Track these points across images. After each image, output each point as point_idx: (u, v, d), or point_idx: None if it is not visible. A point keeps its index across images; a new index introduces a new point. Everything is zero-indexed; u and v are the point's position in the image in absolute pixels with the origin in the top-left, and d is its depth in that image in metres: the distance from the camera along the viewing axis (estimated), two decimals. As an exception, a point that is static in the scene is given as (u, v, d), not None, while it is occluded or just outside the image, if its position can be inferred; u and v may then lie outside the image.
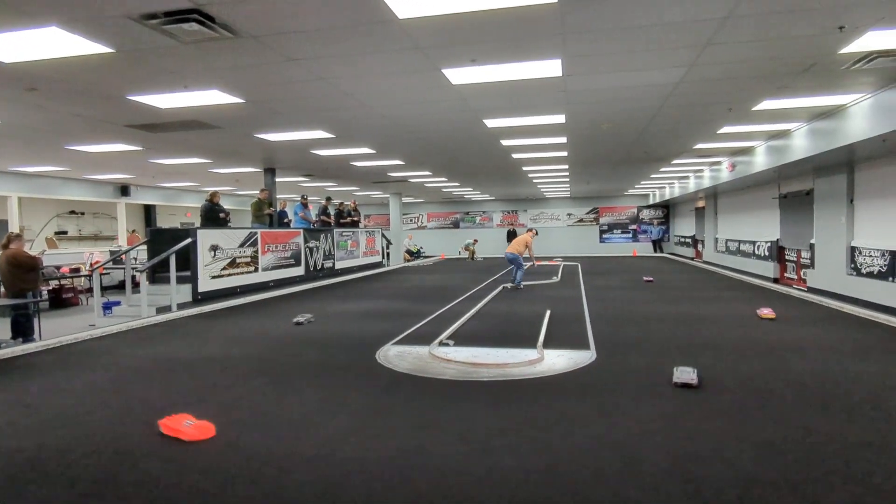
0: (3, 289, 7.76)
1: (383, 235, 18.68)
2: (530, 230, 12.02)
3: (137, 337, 6.71)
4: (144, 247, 10.11)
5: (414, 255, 23.14)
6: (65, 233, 16.96)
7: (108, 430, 3.51)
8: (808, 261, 10.70)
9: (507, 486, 2.66)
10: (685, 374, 4.25)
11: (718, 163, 13.34)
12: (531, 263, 11.71)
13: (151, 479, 2.81)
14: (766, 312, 7.23)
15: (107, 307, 9.07)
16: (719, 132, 9.17)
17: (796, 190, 11.58)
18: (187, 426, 3.36)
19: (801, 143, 8.72)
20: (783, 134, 9.33)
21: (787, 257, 12.09)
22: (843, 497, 2.50)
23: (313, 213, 14.86)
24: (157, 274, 9.26)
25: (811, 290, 9.95)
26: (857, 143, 7.05)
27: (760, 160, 10.67)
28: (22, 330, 7.07)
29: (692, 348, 5.51)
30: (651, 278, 12.68)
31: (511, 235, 26.37)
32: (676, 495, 2.53)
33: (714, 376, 4.48)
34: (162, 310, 8.41)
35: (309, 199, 14.68)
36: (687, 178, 17.09)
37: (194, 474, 2.85)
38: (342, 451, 3.13)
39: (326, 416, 3.71)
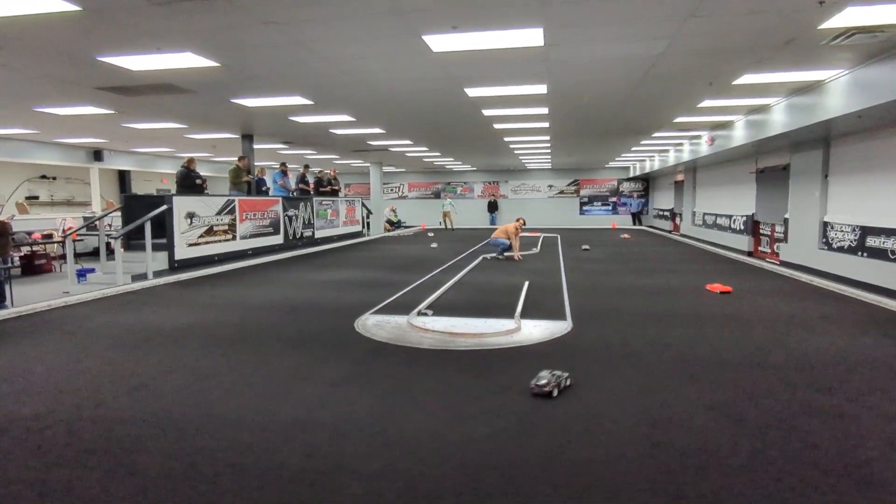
0: (-29, 255, 7.57)
1: (363, 205, 18.55)
2: (518, 219, 11.71)
3: (113, 304, 6.64)
4: (119, 213, 9.90)
5: (394, 224, 23.05)
6: (36, 198, 16.48)
7: (84, 398, 3.50)
8: (782, 235, 10.95)
9: (480, 452, 2.74)
10: (542, 380, 3.53)
11: (698, 137, 13.43)
12: (514, 255, 11.19)
13: (128, 445, 2.82)
14: (717, 286, 7.34)
15: (81, 274, 8.92)
16: (699, 106, 9.20)
17: (773, 165, 11.75)
18: None
19: (779, 118, 8.81)
20: (762, 109, 9.41)
21: (761, 231, 12.35)
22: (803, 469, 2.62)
23: (292, 181, 14.65)
24: (133, 241, 9.11)
25: (784, 263, 10.21)
26: (834, 118, 7.15)
27: (739, 134, 10.77)
28: (-7, 297, 6.93)
29: (664, 320, 5.65)
30: (628, 235, 12.85)
31: (492, 206, 26.44)
32: (641, 461, 2.64)
33: (686, 346, 4.62)
34: (137, 277, 8.30)
35: (288, 166, 14.44)
36: (667, 151, 17.20)
37: (171, 441, 2.87)
38: (319, 417, 3.17)
39: (304, 384, 3.74)
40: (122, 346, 4.76)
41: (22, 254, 10.95)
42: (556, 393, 3.46)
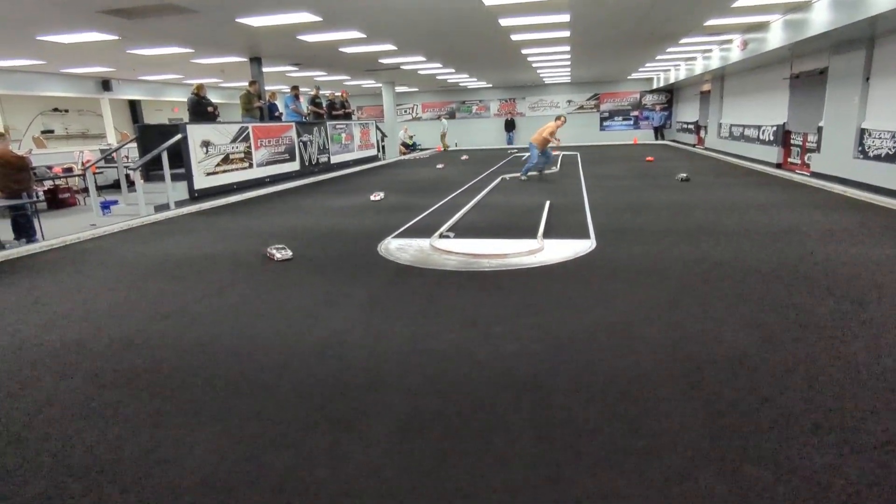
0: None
1: (378, 128, 18.14)
2: (559, 117, 11.11)
3: (139, 235, 6.74)
4: (134, 144, 9.84)
5: (410, 147, 22.65)
6: (51, 132, 16.42)
7: (122, 324, 3.62)
8: (815, 144, 10.49)
9: (508, 369, 2.80)
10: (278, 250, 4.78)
11: (729, 41, 12.59)
12: (554, 154, 10.58)
13: (169, 368, 2.94)
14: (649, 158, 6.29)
15: (105, 206, 9.02)
16: (734, 6, 8.53)
17: (809, 69, 11.03)
18: None
19: (820, 17, 8.15)
20: (803, 6, 8.70)
21: (792, 142, 11.84)
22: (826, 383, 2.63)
23: (304, 104, 14.29)
24: (151, 172, 9.11)
25: (814, 174, 9.86)
26: (883, 13, 6.58)
27: (775, 36, 10.05)
28: (24, 231, 7.08)
29: (691, 234, 5.56)
30: (651, 158, 12.54)
31: (509, 125, 25.67)
32: (671, 374, 2.67)
33: (713, 260, 4.56)
34: (160, 208, 8.38)
35: (300, 90, 14.03)
36: (694, 59, 16.24)
37: (206, 363, 2.98)
38: (350, 339, 3.25)
39: (333, 308, 3.81)
40: (153, 275, 4.87)
41: (45, 188, 11.07)
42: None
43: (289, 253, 5.21)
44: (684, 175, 10.25)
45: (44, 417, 2.47)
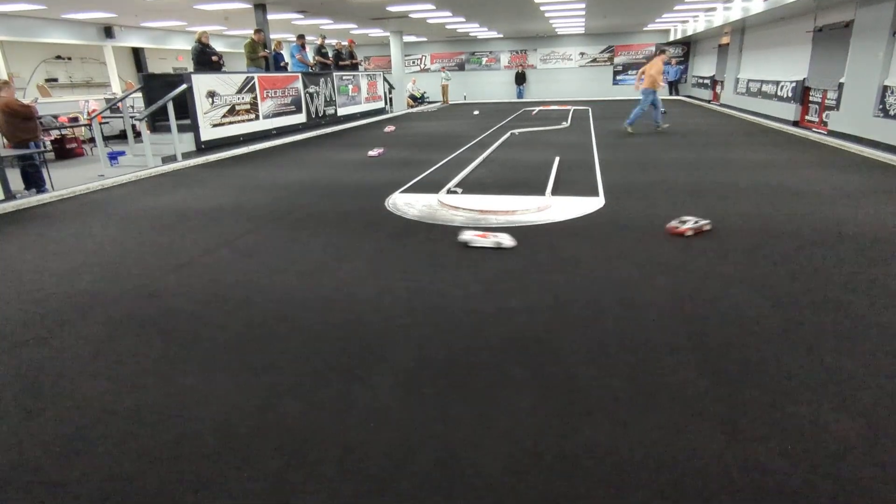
0: (4, 140, 7.66)
1: (385, 79, 17.76)
2: (662, 52, 10.55)
3: (147, 186, 6.76)
4: (139, 94, 9.72)
5: (417, 100, 22.23)
6: (55, 80, 16.21)
7: (134, 274, 3.69)
8: (834, 102, 10.20)
9: (514, 323, 2.84)
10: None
11: (752, -9, 12.05)
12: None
13: (182, 318, 3.01)
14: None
15: (112, 157, 9.00)
16: (760, -48, 8.13)
17: (834, 22, 10.60)
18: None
19: (850, -35, 7.76)
20: (832, -46, 8.27)
21: (811, 99, 11.51)
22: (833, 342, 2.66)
23: (310, 54, 13.96)
24: (158, 122, 9.03)
25: (831, 133, 9.63)
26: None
27: (800, -13, 9.61)
28: (34, 181, 7.11)
29: (701, 193, 5.50)
30: (664, 110, 12.26)
31: (520, 78, 25.03)
32: (675, 331, 2.70)
33: (722, 221, 4.53)
34: (167, 159, 8.36)
35: (306, 39, 13.67)
36: (713, 9, 15.61)
37: (217, 314, 3.05)
38: (358, 292, 3.30)
39: (341, 261, 3.85)
40: (162, 226, 4.91)
41: (52, 138, 11.02)
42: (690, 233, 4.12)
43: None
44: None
45: (60, 364, 2.56)
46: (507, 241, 4.02)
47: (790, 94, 12.28)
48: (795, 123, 11.63)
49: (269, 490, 1.73)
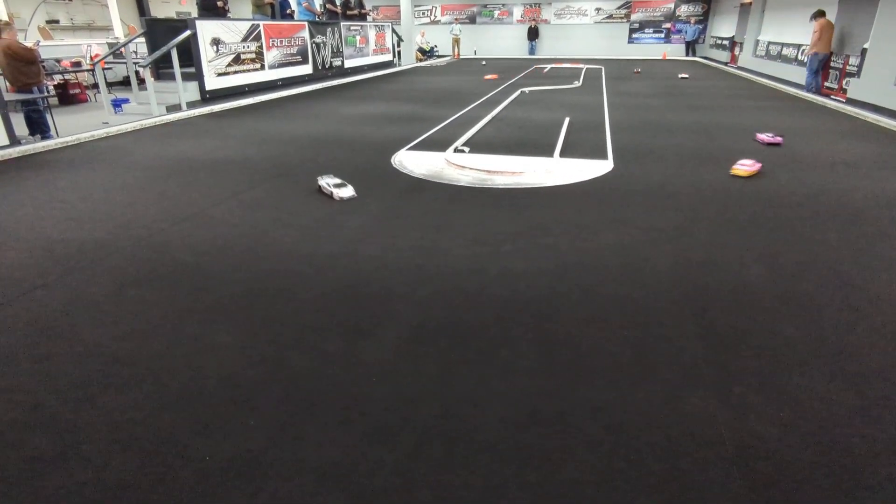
0: (8, 84, 7.56)
1: (394, 31, 17.28)
2: (821, 14, 10.25)
3: (152, 135, 6.71)
4: (142, 39, 9.50)
5: (427, 53, 21.69)
6: (56, 21, 15.86)
7: (141, 225, 3.71)
8: (856, 69, 9.89)
9: (517, 285, 2.86)
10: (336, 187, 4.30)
11: (780, -53, 11.52)
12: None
13: (189, 270, 3.04)
14: (746, 167, 4.85)
15: (116, 104, 8.90)
16: None
17: (863, -17, 10.16)
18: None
19: (885, -78, 7.38)
20: None
21: (832, 64, 11.16)
22: (836, 314, 2.67)
23: (317, 2, 13.55)
24: (161, 70, 8.87)
25: (850, 101, 9.39)
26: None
27: (831, -56, 9.17)
28: (38, 126, 7.06)
29: (711, 159, 5.43)
30: (687, 75, 11.99)
31: (532, 33, 24.29)
32: (676, 299, 2.72)
33: (730, 187, 4.49)
34: (172, 108, 8.25)
35: (312, -15, 13.24)
36: (739, -35, 14.96)
37: (225, 266, 3.08)
38: (362, 250, 3.31)
39: (346, 217, 3.85)
40: (169, 176, 4.90)
41: (55, 83, 10.87)
42: None
43: (350, 191, 4.28)
44: (685, 75, 9.96)
45: (69, 311, 2.61)
46: (346, 193, 4.22)
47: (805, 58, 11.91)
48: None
49: (272, 437, 1.80)
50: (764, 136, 6.15)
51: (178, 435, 1.81)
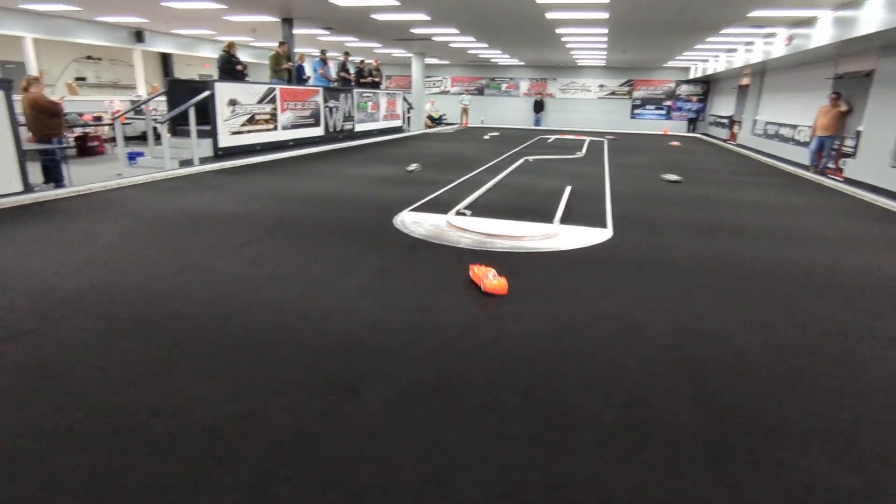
0: (30, 134, 7.85)
1: (405, 99, 18.02)
2: (838, 97, 10.27)
3: (163, 188, 6.87)
4: (163, 98, 9.93)
5: (435, 121, 22.49)
6: (84, 79, 16.64)
7: (140, 274, 3.73)
8: (852, 149, 10.18)
9: (512, 349, 2.83)
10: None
11: (773, 34, 12.17)
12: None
13: (183, 321, 3.03)
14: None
15: (132, 157, 9.17)
16: (781, -2, 8.23)
17: (854, 70, 10.65)
18: (489, 280, 3.59)
19: (872, 16, 7.82)
20: (854, 3, 8.35)
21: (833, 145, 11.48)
22: (829, 384, 2.62)
23: (333, 70, 14.23)
24: (178, 127, 9.20)
25: (847, 180, 9.59)
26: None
27: (822, 34, 9.69)
28: (52, 175, 7.25)
29: (709, 231, 5.49)
30: (678, 143, 12.24)
31: (538, 106, 25.26)
32: (671, 369, 2.68)
33: (728, 260, 4.51)
34: (185, 163, 8.49)
35: (328, 55, 13.95)
36: (734, 51, 15.75)
37: (222, 319, 3.07)
38: (357, 307, 3.31)
39: (345, 275, 3.87)
40: (173, 228, 4.97)
41: (75, 135, 11.28)
42: None
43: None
44: (676, 177, 8.96)
45: (58, 357, 2.58)
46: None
47: (808, 139, 12.28)
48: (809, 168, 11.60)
49: (250, 496, 1.73)
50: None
51: (153, 488, 1.74)
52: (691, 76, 23.16)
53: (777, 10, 9.26)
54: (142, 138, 12.17)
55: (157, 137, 9.14)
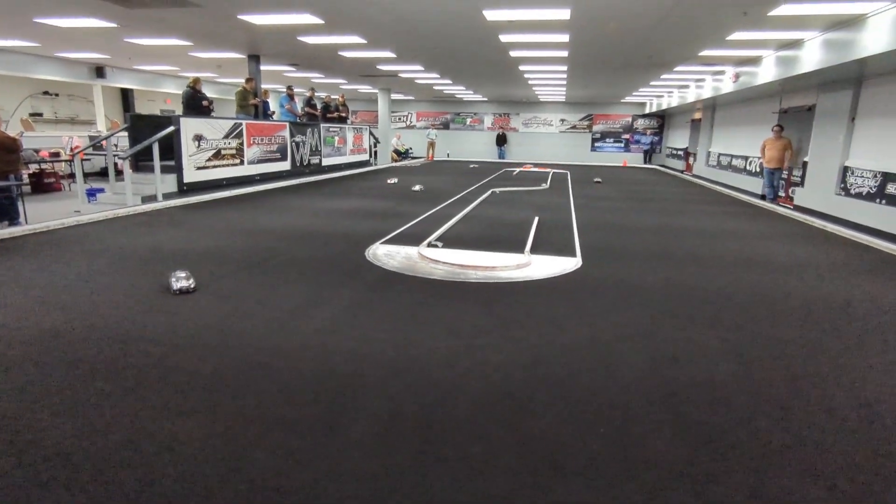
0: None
1: (371, 133, 18.18)
2: (781, 129, 10.88)
3: (125, 225, 6.67)
4: (125, 133, 9.75)
5: (402, 155, 22.72)
6: (40, 115, 16.20)
7: (103, 314, 3.58)
8: (799, 179, 10.74)
9: (490, 380, 2.82)
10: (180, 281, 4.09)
11: (722, 72, 12.89)
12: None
13: (150, 361, 2.91)
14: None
15: (91, 194, 8.92)
16: (729, 38, 8.75)
17: (798, 105, 11.33)
18: None
19: (812, 55, 8.40)
20: (795, 44, 8.96)
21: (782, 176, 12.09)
22: (811, 411, 2.70)
23: (299, 105, 14.29)
24: (141, 162, 9.03)
25: (797, 208, 10.08)
26: (873, 56, 6.80)
27: (766, 71, 10.32)
28: (6, 213, 6.96)
29: (673, 258, 5.65)
30: (600, 179, 12.65)
31: (501, 140, 25.86)
32: (649, 394, 2.71)
33: (693, 284, 4.64)
34: (147, 199, 8.30)
35: (294, 90, 14.03)
36: (687, 87, 16.58)
37: (188, 358, 2.96)
38: (332, 342, 3.25)
39: (317, 309, 3.81)
40: (136, 266, 4.82)
41: (31, 171, 10.90)
42: None
43: (191, 283, 4.13)
44: (598, 179, 10.20)
45: (20, 402, 2.44)
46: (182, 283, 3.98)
47: (759, 169, 12.91)
48: (763, 197, 12.17)
49: (228, 547, 1.64)
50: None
51: (122, 544, 1.64)
52: (647, 111, 24.18)
53: (725, 49, 9.84)
54: (101, 174, 11.88)
55: (119, 173, 8.93)
